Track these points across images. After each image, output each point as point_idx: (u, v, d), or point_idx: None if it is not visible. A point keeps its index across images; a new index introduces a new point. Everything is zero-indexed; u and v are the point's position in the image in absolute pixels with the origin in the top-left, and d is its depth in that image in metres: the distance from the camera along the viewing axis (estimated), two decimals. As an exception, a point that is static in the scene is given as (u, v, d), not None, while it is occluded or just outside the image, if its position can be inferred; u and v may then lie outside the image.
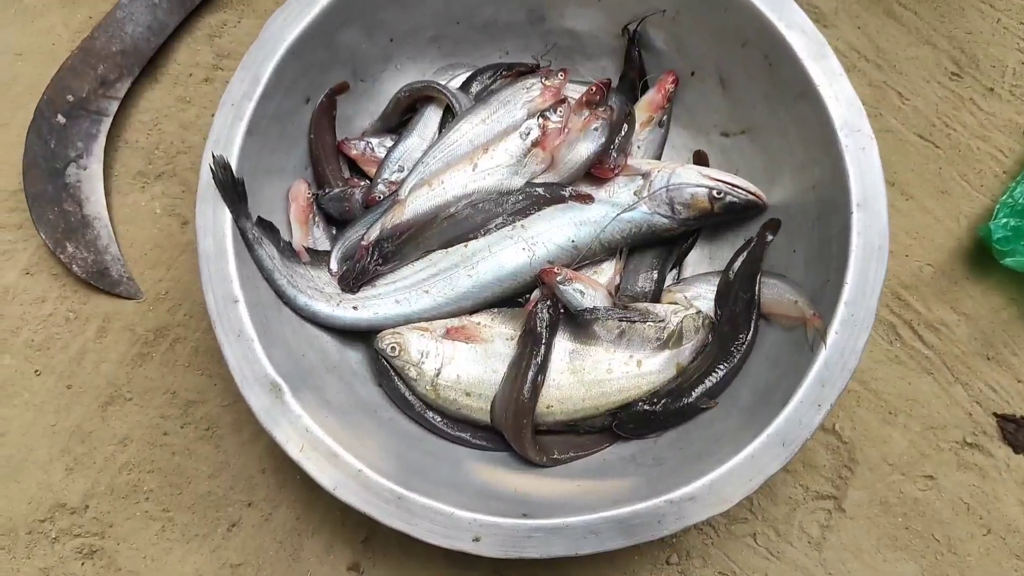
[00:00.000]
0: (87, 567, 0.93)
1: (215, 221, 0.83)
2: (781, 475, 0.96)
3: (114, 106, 1.04)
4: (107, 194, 1.03)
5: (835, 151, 0.82)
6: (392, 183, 0.96)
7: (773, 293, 0.87)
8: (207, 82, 1.09)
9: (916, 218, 1.04)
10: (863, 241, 0.79)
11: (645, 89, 1.01)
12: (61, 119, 1.02)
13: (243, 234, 0.84)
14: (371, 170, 0.99)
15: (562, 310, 0.89)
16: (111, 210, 1.04)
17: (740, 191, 0.91)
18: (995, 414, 0.98)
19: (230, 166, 0.83)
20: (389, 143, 1.00)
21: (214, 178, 0.82)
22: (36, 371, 0.98)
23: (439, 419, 0.90)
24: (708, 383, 0.86)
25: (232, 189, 0.83)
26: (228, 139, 0.85)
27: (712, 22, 0.92)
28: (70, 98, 1.02)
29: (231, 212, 0.83)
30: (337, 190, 0.96)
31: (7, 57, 1.10)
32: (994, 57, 1.09)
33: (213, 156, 0.83)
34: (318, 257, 0.93)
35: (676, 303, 0.92)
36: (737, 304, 0.89)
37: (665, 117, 1.00)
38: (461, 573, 0.93)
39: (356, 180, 0.99)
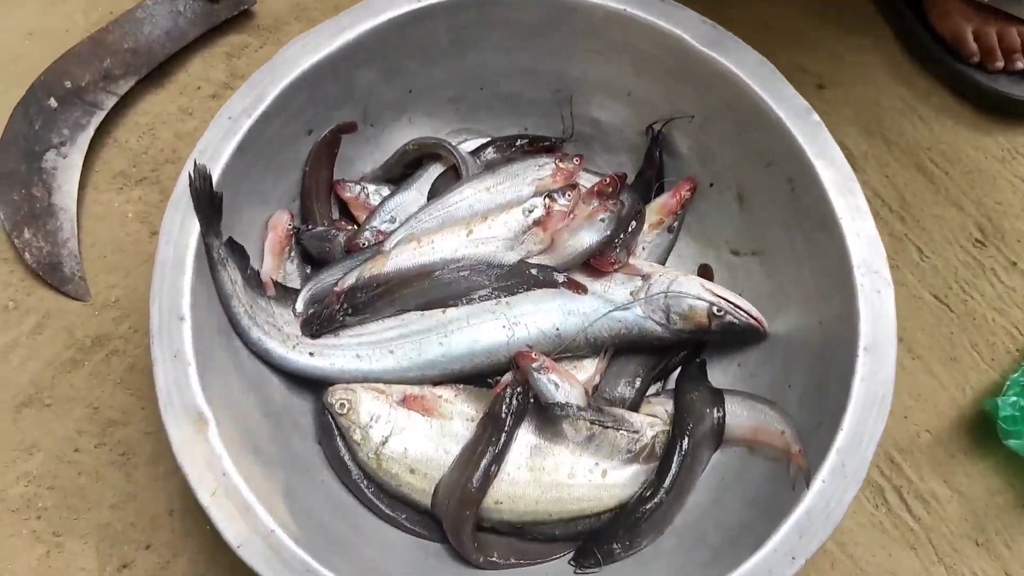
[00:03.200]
0: (-49, 583, 0.83)
1: (181, 231, 0.77)
2: (735, 631, 0.86)
3: (111, 101, 1.00)
4: (81, 188, 0.98)
5: (849, 288, 0.77)
6: (380, 232, 0.91)
7: (758, 417, 0.81)
8: (214, 98, 1.06)
9: (920, 379, 0.98)
10: (866, 387, 0.73)
11: (660, 191, 0.97)
12: (53, 103, 0.98)
13: (208, 250, 0.78)
14: (361, 216, 0.94)
15: (532, 400, 0.82)
16: (81, 205, 0.98)
17: (741, 313, 0.85)
18: (978, 607, 0.89)
19: (211, 178, 0.78)
20: (386, 192, 0.95)
21: (190, 186, 0.77)
22: (-43, 356, 0.91)
23: (376, 493, 0.82)
24: (647, 512, 0.79)
25: (207, 202, 0.78)
26: (216, 151, 0.80)
27: (740, 136, 0.89)
28: (67, 84, 0.99)
29: (200, 224, 0.77)
30: (321, 228, 0.91)
31: (18, 35, 1.07)
32: (1021, 232, 1.06)
33: (195, 164, 0.78)
34: (285, 294, 0.87)
35: (655, 415, 0.85)
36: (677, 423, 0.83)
37: (676, 223, 0.96)
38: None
39: (343, 223, 0.94)
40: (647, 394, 0.90)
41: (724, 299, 0.86)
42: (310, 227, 0.91)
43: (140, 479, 0.89)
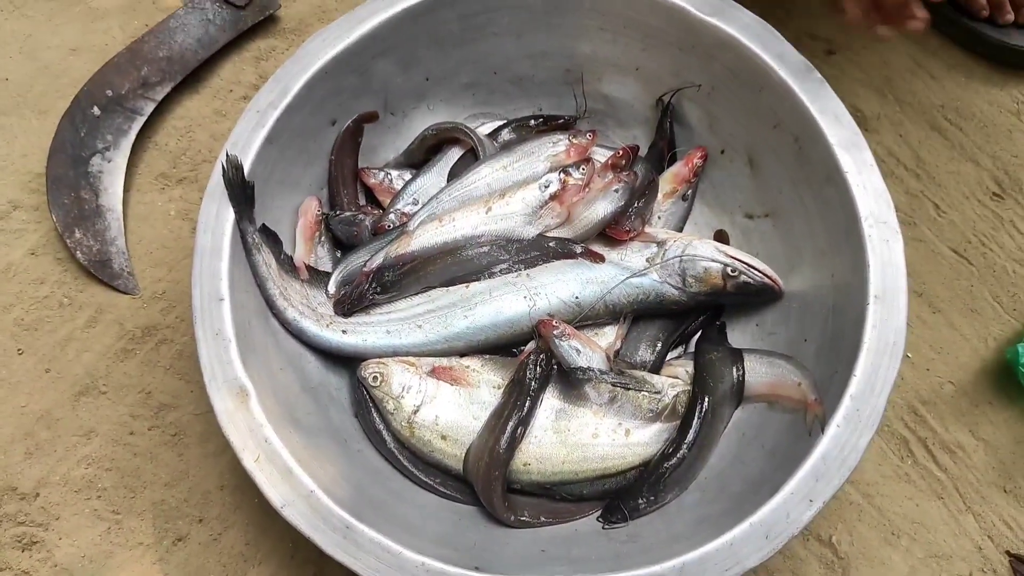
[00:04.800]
0: (23, 557, 0.89)
1: (217, 219, 0.82)
2: (766, 582, 0.88)
3: (150, 107, 1.06)
4: (126, 190, 1.04)
5: (857, 240, 0.79)
6: (404, 214, 0.95)
7: (776, 372, 0.83)
8: (245, 99, 1.11)
9: (942, 332, 0.99)
10: (877, 335, 0.75)
11: (673, 161, 0.99)
12: (96, 111, 1.04)
13: (243, 236, 0.83)
14: (386, 200, 0.99)
15: (555, 367, 0.85)
16: (126, 206, 1.04)
17: (756, 272, 0.88)
18: (1008, 552, 0.90)
19: (242, 167, 0.83)
20: (408, 177, 0.99)
21: (223, 176, 0.82)
22: (19, 350, 0.97)
23: (411, 459, 0.85)
24: (670, 468, 0.81)
25: (240, 190, 0.83)
26: (247, 143, 0.85)
27: (746, 101, 0.91)
28: (109, 93, 1.05)
29: (235, 212, 0.82)
30: (348, 213, 0.95)
31: (62, 51, 1.13)
32: (1038, 184, 1.06)
33: (227, 155, 0.82)
34: (317, 276, 0.91)
35: (676, 377, 0.88)
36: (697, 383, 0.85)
37: (689, 192, 0.98)
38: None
39: (370, 208, 0.98)
40: (668, 358, 0.92)
41: (738, 260, 0.87)
42: (338, 213, 0.95)
43: (191, 458, 0.93)
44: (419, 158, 1.02)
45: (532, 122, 1.02)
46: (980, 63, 1.13)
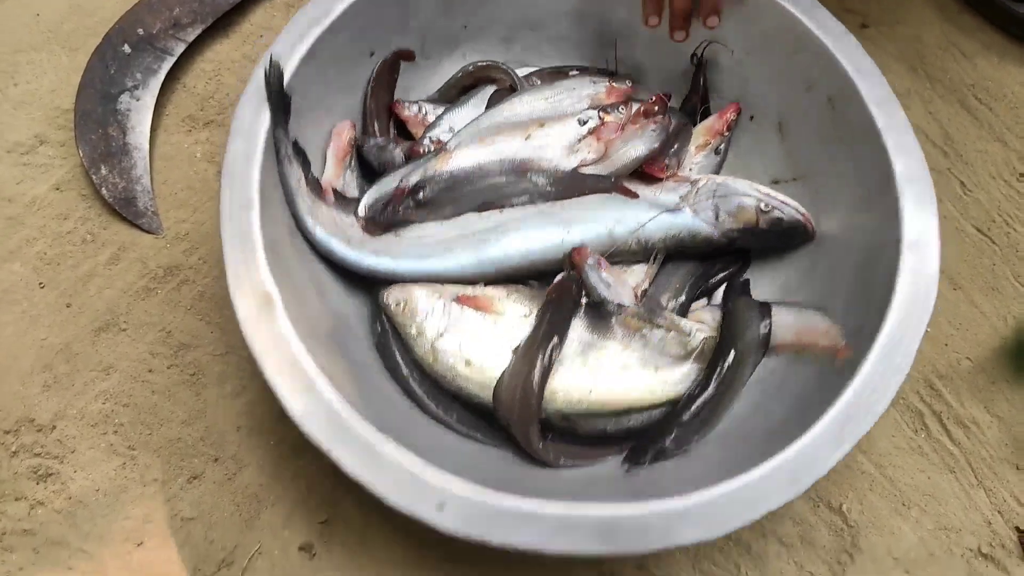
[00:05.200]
0: (37, 488, 0.89)
1: (251, 125, 0.80)
2: (775, 547, 0.89)
3: (180, 48, 1.06)
4: (153, 130, 1.04)
5: (892, 195, 0.79)
6: (439, 141, 0.95)
7: (803, 320, 0.82)
8: (275, 46, 1.11)
9: (961, 309, 0.99)
10: (910, 281, 0.75)
11: (706, 116, 0.99)
12: (127, 48, 1.04)
13: (276, 145, 0.82)
14: (419, 134, 0.98)
15: (584, 299, 0.84)
16: (153, 146, 1.04)
17: (789, 208, 0.88)
18: (1018, 528, 0.90)
19: (283, 74, 0.82)
20: (442, 111, 0.99)
21: (265, 81, 0.81)
22: (41, 284, 0.97)
23: (429, 393, 0.84)
24: (698, 408, 0.81)
25: (279, 97, 0.82)
26: (286, 58, 0.84)
27: (779, 63, 0.91)
28: (140, 31, 1.05)
29: (272, 119, 0.81)
30: (381, 140, 0.95)
31: (95, -10, 1.13)
32: (1066, 167, 1.06)
33: (270, 59, 0.82)
34: (344, 201, 0.90)
35: (703, 322, 0.87)
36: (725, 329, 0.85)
37: (722, 146, 0.98)
38: (411, 574, 0.87)
39: (402, 140, 0.98)
40: (692, 307, 0.92)
41: (772, 195, 0.88)
42: (371, 139, 0.95)
43: (209, 398, 0.94)
44: (453, 95, 1.01)
45: (570, 72, 1.01)
46: (1014, 44, 1.13)
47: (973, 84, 1.10)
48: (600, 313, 0.84)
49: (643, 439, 0.81)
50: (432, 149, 0.93)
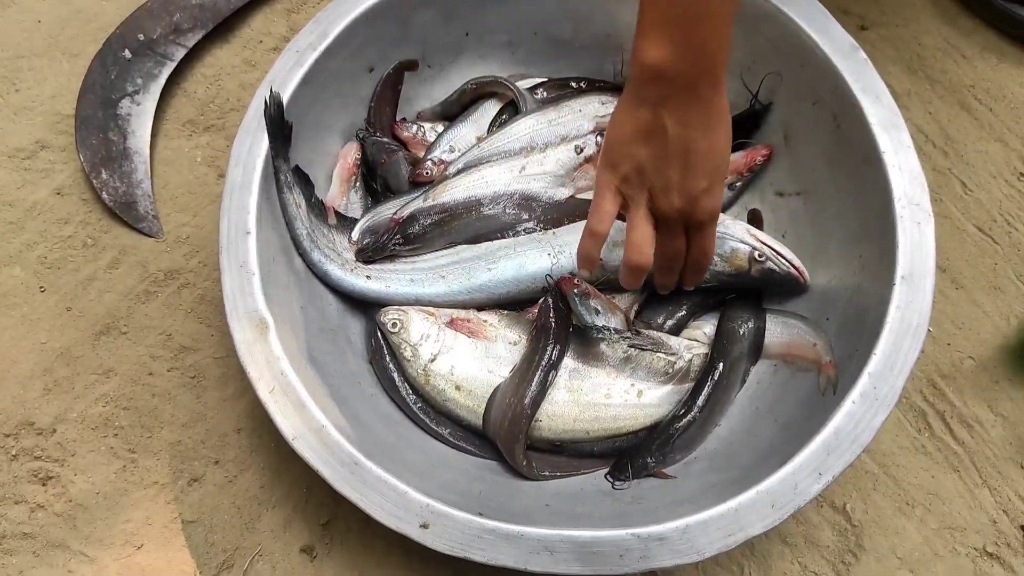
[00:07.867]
0: (38, 492, 0.89)
1: (249, 154, 0.83)
2: (779, 547, 0.88)
3: (181, 53, 1.06)
4: (153, 135, 1.04)
5: (889, 221, 0.79)
6: (441, 162, 0.95)
7: (792, 332, 0.83)
8: (275, 51, 1.11)
9: (964, 308, 0.98)
10: (901, 316, 0.75)
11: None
12: (127, 54, 1.04)
13: (276, 174, 0.84)
14: (419, 154, 0.98)
15: (572, 325, 0.85)
16: (153, 150, 1.05)
17: (783, 260, 0.86)
18: (1022, 527, 0.89)
19: (282, 104, 0.83)
20: (440, 129, 0.99)
21: (264, 112, 0.82)
22: (41, 288, 0.97)
23: (423, 408, 0.86)
24: (680, 430, 0.82)
25: (279, 127, 0.83)
26: (284, 82, 0.86)
27: (787, 76, 0.91)
28: (140, 37, 1.05)
29: (271, 149, 0.83)
30: (384, 139, 0.96)
31: (95, -3, 1.14)
32: (1067, 167, 1.06)
33: (270, 90, 0.83)
34: (344, 222, 0.92)
35: (695, 339, 0.88)
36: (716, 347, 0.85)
37: (739, 184, 0.96)
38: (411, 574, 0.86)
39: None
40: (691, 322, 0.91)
41: (767, 245, 0.86)
42: (372, 132, 0.96)
43: (209, 400, 0.94)
44: (456, 110, 1.01)
45: (573, 84, 1.00)
46: (1013, 45, 1.13)
47: (972, 85, 1.10)
48: (585, 339, 0.84)
49: (626, 454, 0.83)
50: (433, 171, 0.95)
